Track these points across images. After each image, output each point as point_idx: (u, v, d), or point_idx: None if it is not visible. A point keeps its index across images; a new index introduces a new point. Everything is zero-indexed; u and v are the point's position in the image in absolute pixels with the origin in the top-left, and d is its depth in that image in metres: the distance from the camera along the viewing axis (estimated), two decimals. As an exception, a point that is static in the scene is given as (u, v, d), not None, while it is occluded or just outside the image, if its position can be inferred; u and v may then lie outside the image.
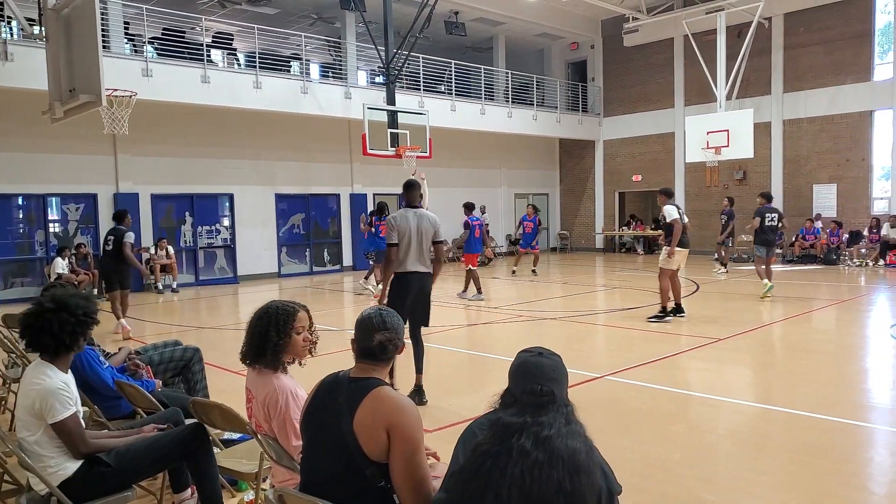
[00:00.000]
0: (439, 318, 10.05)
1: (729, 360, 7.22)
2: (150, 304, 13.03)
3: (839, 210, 18.18)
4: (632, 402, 5.72)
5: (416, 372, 5.75)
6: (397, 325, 2.51)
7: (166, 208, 15.68)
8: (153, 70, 13.05)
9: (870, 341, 8.26)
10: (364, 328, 2.48)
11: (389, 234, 5.62)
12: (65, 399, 2.98)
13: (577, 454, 1.80)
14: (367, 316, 2.51)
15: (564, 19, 21.14)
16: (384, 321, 2.48)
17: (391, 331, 2.47)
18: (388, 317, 2.51)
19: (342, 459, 2.28)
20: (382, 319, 2.49)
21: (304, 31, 17.30)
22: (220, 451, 3.74)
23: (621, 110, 22.68)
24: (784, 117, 19.08)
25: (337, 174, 18.31)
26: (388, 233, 5.64)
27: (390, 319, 2.50)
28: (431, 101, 17.64)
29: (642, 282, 14.47)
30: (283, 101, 15.09)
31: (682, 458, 4.35)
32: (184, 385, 5.02)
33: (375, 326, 2.46)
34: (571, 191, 24.46)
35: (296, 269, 17.89)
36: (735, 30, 18.09)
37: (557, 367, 2.00)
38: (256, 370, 3.06)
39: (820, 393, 5.77)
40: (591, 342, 8.57)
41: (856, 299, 11.41)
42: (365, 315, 2.52)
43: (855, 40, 17.77)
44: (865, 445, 4.63)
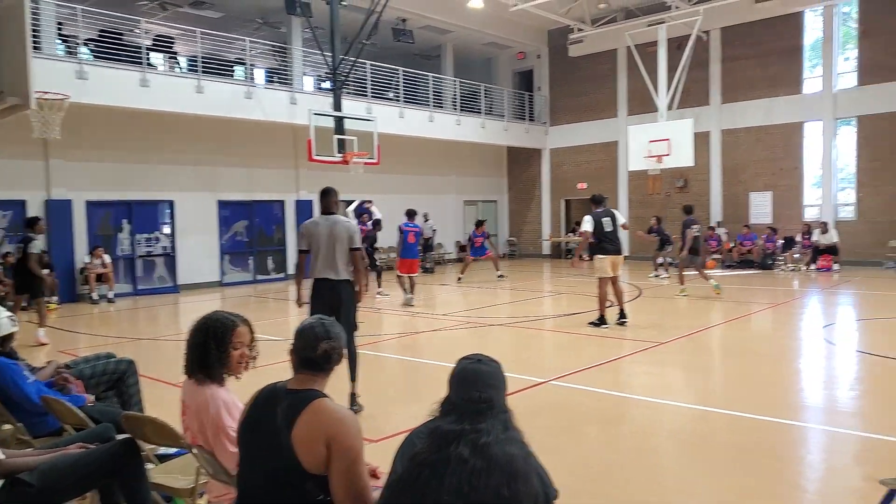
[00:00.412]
0: (385, 327, 10.00)
1: (670, 363, 7.39)
2: (84, 316, 12.54)
3: (774, 217, 18.90)
4: (575, 406, 5.78)
5: (350, 380, 5.65)
6: (340, 333, 2.46)
7: (102, 215, 15.11)
8: (88, 73, 12.60)
9: (804, 343, 8.58)
10: (307, 337, 2.41)
11: (299, 241, 5.71)
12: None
13: (514, 460, 1.80)
14: (310, 325, 2.44)
15: (511, 29, 21.39)
16: (327, 330, 2.42)
17: (335, 339, 2.41)
18: (330, 326, 2.46)
19: (280, 473, 2.22)
20: (325, 328, 2.43)
21: (250, 36, 17.01)
22: (153, 466, 3.61)
23: (567, 119, 23.07)
24: (722, 127, 19.75)
25: (282, 180, 18.03)
26: (298, 240, 5.73)
27: (333, 329, 2.45)
28: (379, 108, 17.57)
29: (587, 287, 14.66)
30: (226, 106, 14.78)
31: (625, 460, 4.41)
32: (118, 399, 4.82)
33: (319, 336, 2.39)
34: (519, 198, 24.73)
35: (239, 277, 17.50)
36: (675, 42, 18.62)
37: (496, 374, 2.00)
38: (193, 382, 2.96)
39: (757, 394, 5.95)
40: (537, 347, 8.64)
41: (790, 302, 11.88)
42: (307, 324, 2.45)
43: (786, 55, 18.56)
44: (799, 444, 4.79)
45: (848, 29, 18.04)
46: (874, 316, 10.28)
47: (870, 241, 17.46)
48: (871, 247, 17.42)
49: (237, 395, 2.96)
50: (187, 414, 2.97)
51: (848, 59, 18.07)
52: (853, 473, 4.14)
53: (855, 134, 17.88)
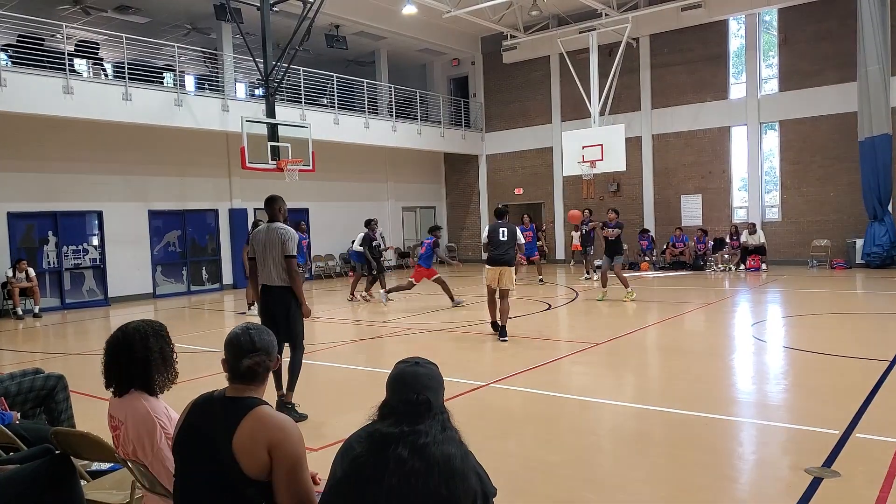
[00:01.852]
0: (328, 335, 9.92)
1: (605, 363, 7.60)
2: (8, 331, 11.98)
3: (704, 219, 19.60)
4: (515, 407, 5.89)
5: (287, 388, 5.68)
6: (268, 342, 2.44)
7: (26, 227, 14.48)
8: (7, 79, 12.07)
9: (734, 341, 8.91)
10: (233, 350, 2.40)
11: (248, 249, 5.99)
12: None
13: (452, 460, 1.85)
14: (236, 335, 2.43)
15: (445, 35, 21.57)
16: (253, 341, 2.40)
17: (261, 352, 2.39)
18: (257, 335, 2.43)
19: (220, 480, 2.21)
20: (251, 339, 2.41)
21: (178, 42, 16.62)
22: (86, 482, 3.51)
23: (503, 125, 23.39)
24: (653, 132, 20.38)
25: (215, 189, 17.67)
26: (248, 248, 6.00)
27: (260, 338, 2.42)
28: (314, 115, 17.43)
29: (525, 290, 14.93)
30: (155, 113, 14.39)
31: (563, 459, 4.51)
32: (46, 416, 4.65)
33: (244, 349, 2.38)
34: (457, 204, 24.90)
35: (172, 288, 17.03)
36: (606, 49, 19.16)
37: (433, 376, 2.04)
38: (124, 397, 2.89)
39: (690, 390, 6.16)
40: (476, 351, 8.72)
41: (721, 302, 12.33)
42: (233, 335, 2.43)
43: (712, 61, 19.30)
44: (730, 437, 4.98)
45: (770, 36, 18.88)
46: (800, 313, 10.78)
47: (795, 240, 18.30)
48: (797, 246, 18.26)
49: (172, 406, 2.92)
50: (120, 429, 2.91)
51: (770, 66, 18.91)
52: (781, 464, 4.32)
53: (778, 138, 18.68)
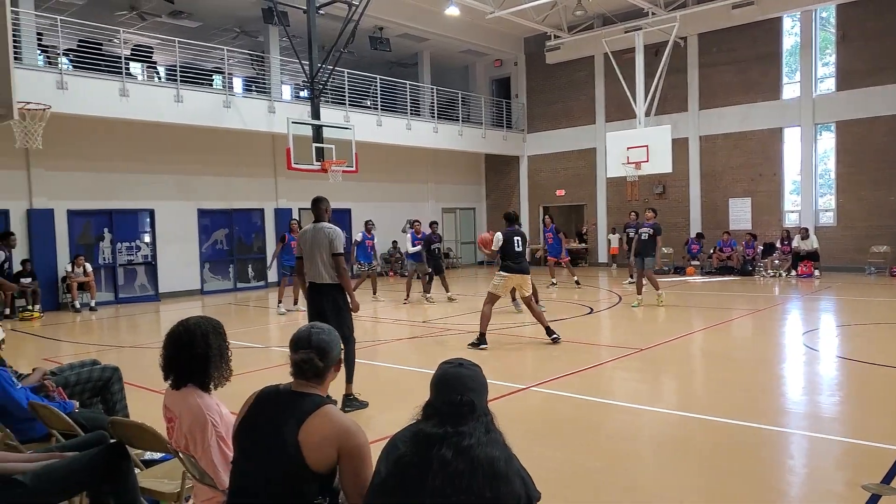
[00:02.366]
0: (371, 333, 10.03)
1: (649, 369, 7.49)
2: (66, 324, 12.45)
3: (753, 223, 19.12)
4: (555, 412, 5.86)
5: (345, 381, 5.94)
6: (324, 341, 2.49)
7: (84, 224, 15.05)
8: (68, 83, 12.57)
9: (784, 349, 8.63)
10: (291, 344, 2.51)
11: (296, 248, 6.22)
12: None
13: (496, 462, 1.87)
14: (297, 332, 2.54)
15: (488, 36, 21.57)
16: (309, 339, 2.48)
17: (314, 349, 2.45)
18: (315, 334, 2.50)
19: (280, 470, 2.29)
20: (308, 336, 2.49)
21: (227, 45, 17.02)
22: (140, 471, 3.65)
23: (545, 126, 23.26)
24: (700, 133, 19.99)
25: (261, 189, 18.03)
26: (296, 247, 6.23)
27: (317, 337, 2.49)
28: (357, 116, 17.64)
29: (567, 293, 14.84)
30: (205, 115, 14.78)
31: (604, 465, 4.48)
32: (102, 405, 4.85)
33: (298, 344, 2.48)
34: (498, 205, 24.80)
35: (219, 285, 17.45)
36: (652, 49, 18.88)
37: (476, 378, 2.06)
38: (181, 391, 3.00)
39: (736, 399, 6.00)
40: (518, 354, 8.72)
41: (771, 308, 11.96)
42: (296, 334, 2.54)
43: (764, 61, 18.82)
44: (780, 449, 4.84)
45: (827, 34, 18.31)
46: (856, 322, 10.37)
47: (851, 246, 17.66)
48: (852, 252, 17.61)
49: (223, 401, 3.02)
50: (175, 421, 3.02)
51: (827, 64, 18.33)
52: (835, 478, 4.18)
53: (834, 139, 18.08)
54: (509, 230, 8.99)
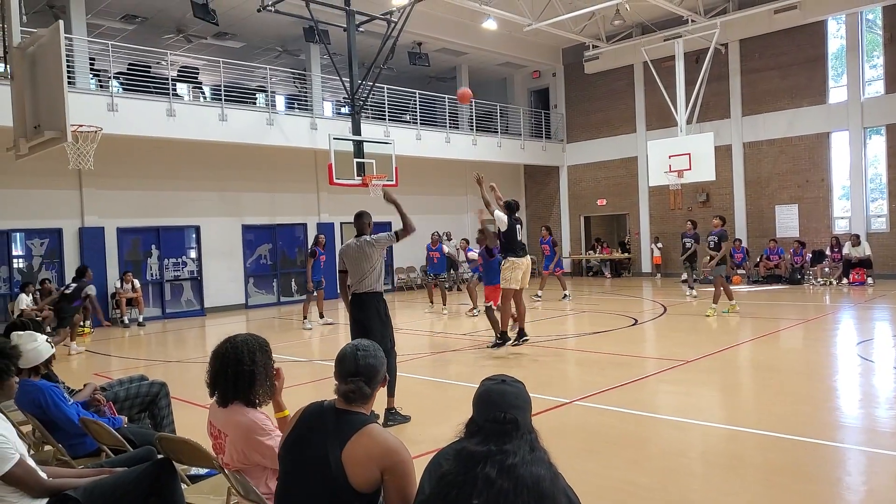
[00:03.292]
0: (408, 346, 10.04)
1: (697, 381, 7.31)
2: (116, 339, 12.78)
3: (801, 230, 18.61)
4: (601, 426, 5.76)
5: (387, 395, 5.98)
6: (371, 365, 2.46)
7: (132, 241, 15.48)
8: (119, 105, 12.98)
9: (837, 360, 8.36)
10: (337, 369, 2.48)
11: (338, 263, 6.36)
12: (3, 451, 2.90)
13: (541, 481, 1.83)
14: (343, 356, 2.49)
15: (526, 49, 21.56)
16: (357, 364, 2.44)
17: (360, 377, 2.42)
18: (363, 357, 2.46)
19: (325, 490, 2.29)
20: (356, 362, 2.45)
21: (270, 64, 17.38)
22: (187, 486, 3.69)
23: (584, 136, 23.10)
24: (744, 140, 19.59)
25: (304, 204, 18.29)
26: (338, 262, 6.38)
27: (365, 361, 2.45)
28: (397, 131, 17.79)
29: (611, 304, 14.64)
30: (249, 133, 15.09)
31: (652, 481, 4.38)
32: (150, 420, 4.95)
33: (346, 371, 2.44)
34: (537, 216, 24.70)
35: (263, 299, 17.73)
36: (693, 56, 18.63)
37: (520, 395, 2.02)
38: (224, 407, 3.02)
39: (789, 413, 5.82)
40: (560, 367, 8.61)
41: (822, 318, 11.61)
42: (341, 354, 2.50)
43: (809, 65, 18.36)
44: (834, 465, 4.67)
45: (874, 36, 17.83)
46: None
47: (904, 252, 17.07)
48: (905, 259, 17.00)
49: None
50: (221, 439, 3.04)
51: (875, 67, 17.83)
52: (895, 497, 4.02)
53: (885, 143, 17.54)
54: (513, 218, 8.87)
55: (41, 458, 4.38)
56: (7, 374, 3.15)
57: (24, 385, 4.04)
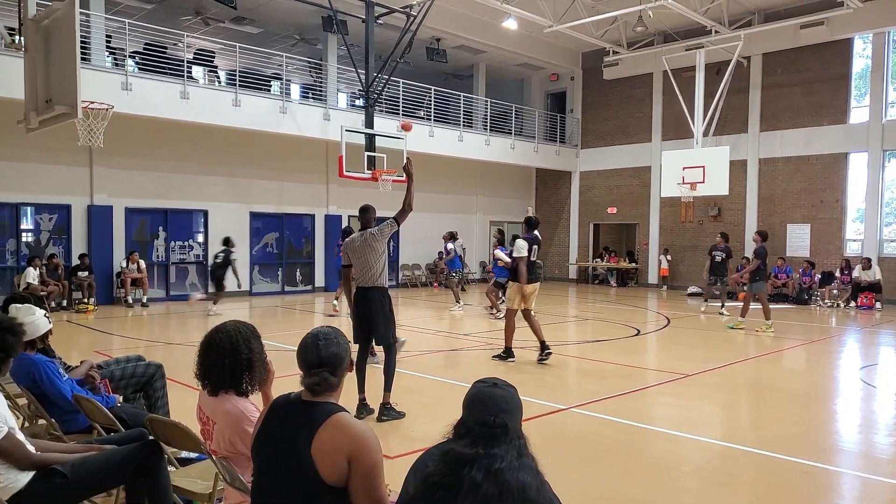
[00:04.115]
0: (409, 344, 9.99)
1: (696, 396, 7.24)
2: (119, 318, 12.82)
3: (812, 250, 18.42)
4: (597, 435, 5.71)
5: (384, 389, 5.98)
6: (334, 354, 2.39)
7: (140, 222, 15.51)
8: (133, 84, 12.99)
9: (839, 383, 8.28)
10: (300, 360, 2.41)
11: (343, 257, 6.30)
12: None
13: (527, 489, 1.78)
14: (304, 346, 2.41)
15: (545, 50, 21.48)
16: (319, 354, 2.37)
17: (324, 368, 2.35)
18: (325, 346, 2.39)
19: (297, 484, 2.24)
20: (318, 352, 2.38)
21: (287, 52, 17.36)
22: (174, 469, 3.68)
23: (599, 142, 22.98)
24: (760, 156, 19.42)
25: (312, 195, 18.27)
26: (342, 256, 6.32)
27: (327, 350, 2.38)
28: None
29: (614, 314, 14.56)
30: (261, 119, 15.08)
31: (643, 493, 4.33)
32: (145, 401, 4.93)
33: (308, 362, 2.37)
34: (546, 220, 24.54)
35: (267, 287, 17.74)
36: (714, 67, 18.48)
37: (511, 399, 1.99)
38: (215, 396, 2.99)
39: (786, 433, 5.76)
40: (559, 373, 8.55)
41: (826, 340, 11.51)
42: (302, 344, 2.42)
43: (832, 83, 18.15)
44: (828, 488, 4.62)
45: (900, 57, 17.65)
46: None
47: (917, 278, 16.86)
48: (918, 285, 16.80)
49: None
50: (209, 426, 3.01)
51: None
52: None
53: (903, 166, 17.34)
54: (528, 237, 8.80)
55: (34, 431, 4.40)
56: (14, 352, 3.15)
57: (20, 359, 4.03)
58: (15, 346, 3.11)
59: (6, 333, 3.07)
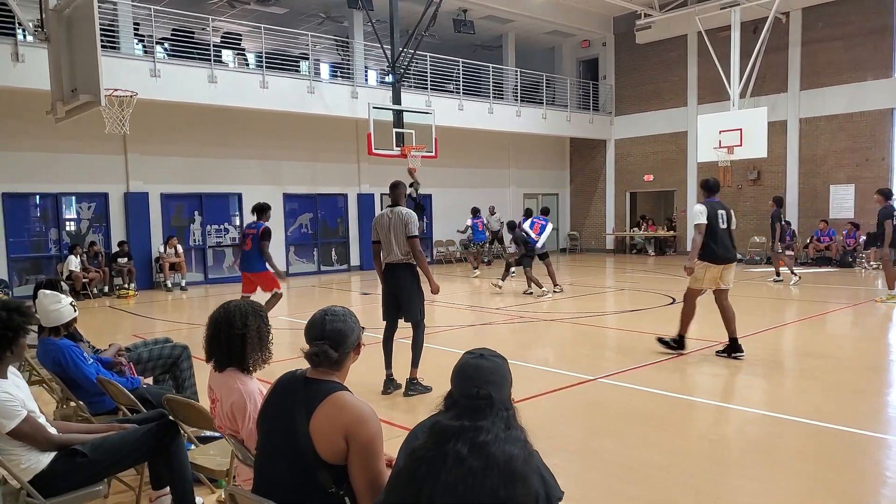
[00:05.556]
0: (445, 318, 10.02)
1: (732, 363, 7.03)
2: (159, 302, 13.12)
3: (857, 211, 17.80)
4: (623, 405, 5.62)
5: (411, 365, 5.99)
6: (339, 330, 2.39)
7: (176, 207, 15.80)
8: (161, 70, 13.15)
9: (888, 347, 7.98)
10: (306, 332, 2.42)
11: (372, 233, 6.16)
12: (9, 409, 2.98)
13: (513, 460, 1.74)
14: (312, 319, 2.44)
15: (575, 17, 20.99)
16: (323, 328, 2.38)
17: (326, 341, 2.35)
18: (330, 322, 2.40)
19: (294, 460, 2.25)
20: (322, 326, 2.39)
21: (313, 31, 17.32)
22: (194, 447, 3.75)
23: (633, 109, 22.47)
24: (801, 116, 18.76)
25: (344, 174, 18.33)
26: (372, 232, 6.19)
27: (332, 326, 2.39)
28: (438, 101, 17.59)
29: (652, 283, 14.33)
30: (289, 100, 15.12)
31: (664, 461, 4.26)
32: (172, 382, 5.03)
33: (312, 334, 2.39)
34: (582, 191, 24.28)
35: (303, 268, 17.94)
36: (750, 25, 17.81)
37: (497, 370, 1.94)
38: (224, 372, 3.01)
39: (828, 400, 5.58)
40: (590, 344, 8.45)
41: (872, 303, 11.08)
42: (310, 320, 2.44)
43: (875, 35, 17.38)
44: (864, 455, 4.44)
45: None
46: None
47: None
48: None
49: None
50: (217, 403, 3.05)
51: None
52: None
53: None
54: (710, 201, 7.13)
55: (65, 413, 4.55)
56: (23, 331, 3.20)
57: (45, 344, 4.16)
58: (23, 325, 3.17)
59: (13, 313, 3.13)
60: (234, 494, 2.38)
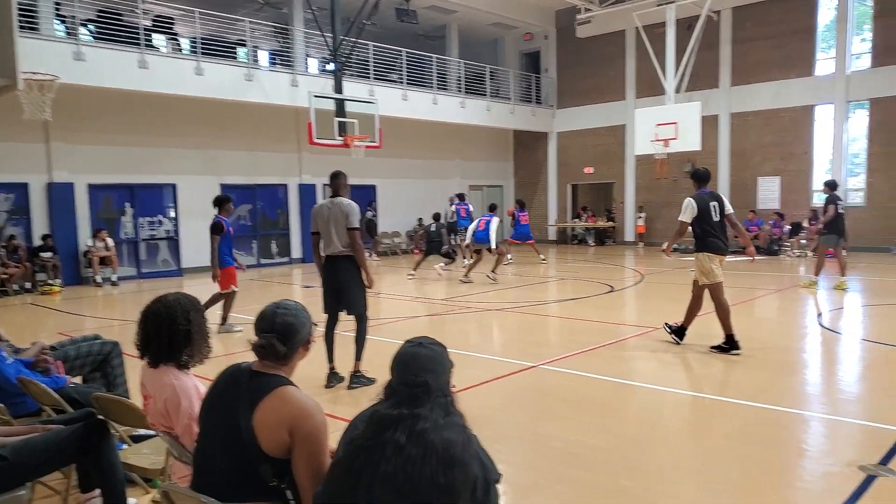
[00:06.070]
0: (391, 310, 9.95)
1: (666, 348, 7.23)
2: (87, 298, 12.60)
3: (782, 202, 18.63)
4: (564, 390, 5.72)
5: (354, 359, 5.91)
6: (289, 324, 2.36)
7: (105, 198, 15.14)
8: (86, 54, 12.52)
9: (804, 329, 8.42)
10: (255, 324, 2.39)
11: (311, 225, 6.03)
12: None
13: (452, 446, 1.75)
14: (262, 312, 2.41)
15: (518, 9, 21.13)
16: (273, 321, 2.35)
17: (276, 332, 2.33)
18: (281, 315, 2.37)
19: (236, 453, 2.20)
20: (272, 319, 2.36)
21: (251, 17, 16.86)
22: (127, 447, 3.60)
23: (574, 102, 22.81)
24: (731, 111, 19.47)
25: (284, 164, 17.98)
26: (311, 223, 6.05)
27: (282, 319, 2.36)
28: (382, 90, 17.43)
29: (591, 272, 14.60)
30: (227, 88, 14.69)
31: (606, 445, 4.35)
32: (102, 380, 4.83)
33: (261, 327, 2.36)
34: (525, 182, 24.54)
35: (242, 261, 17.44)
36: (685, 23, 18.30)
37: (434, 357, 1.94)
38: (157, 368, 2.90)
39: (750, 381, 5.85)
40: (533, 332, 8.56)
41: (793, 288, 11.69)
42: (261, 312, 2.41)
43: (799, 35, 18.18)
44: (787, 430, 4.68)
45: (864, 8, 17.62)
46: (879, 302, 10.13)
47: (879, 226, 17.22)
48: (880, 232, 17.17)
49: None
50: (150, 400, 2.93)
51: (864, 41, 17.65)
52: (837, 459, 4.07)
53: (868, 117, 17.55)
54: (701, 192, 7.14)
55: (-17, 417, 4.29)
56: None
57: (-39, 345, 3.92)
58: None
59: None
60: (168, 492, 2.29)
